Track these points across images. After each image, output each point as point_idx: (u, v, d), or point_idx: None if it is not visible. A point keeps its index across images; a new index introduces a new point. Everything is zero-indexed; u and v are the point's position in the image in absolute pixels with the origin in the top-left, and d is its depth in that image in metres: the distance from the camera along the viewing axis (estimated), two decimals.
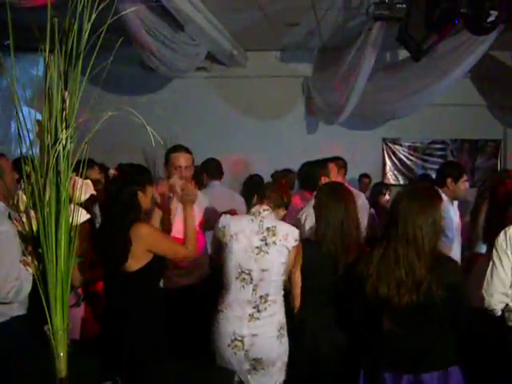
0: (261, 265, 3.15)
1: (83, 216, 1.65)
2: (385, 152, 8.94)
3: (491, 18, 4.13)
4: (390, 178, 8.89)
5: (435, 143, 8.83)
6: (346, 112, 7.72)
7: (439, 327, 2.70)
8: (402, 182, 8.73)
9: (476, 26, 4.29)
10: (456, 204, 4.52)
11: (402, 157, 8.89)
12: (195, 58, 7.43)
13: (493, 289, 2.98)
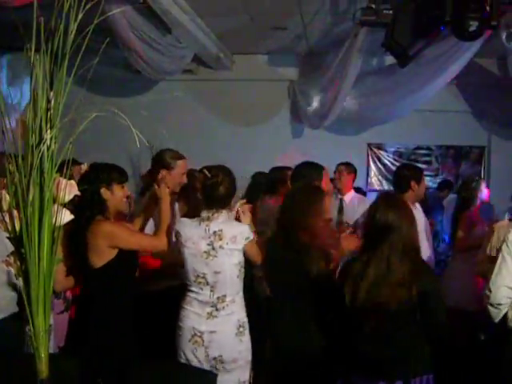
0: (213, 268, 3.17)
1: (67, 217, 1.64)
2: (369, 157, 8.95)
3: (472, 28, 4.20)
4: (375, 183, 8.92)
5: (420, 149, 8.87)
6: (332, 116, 7.77)
7: (413, 335, 2.75)
8: (387, 188, 8.72)
9: (461, 33, 4.35)
10: (418, 205, 4.47)
11: (387, 162, 8.90)
12: (182, 61, 7.42)
13: (501, 282, 2.98)
